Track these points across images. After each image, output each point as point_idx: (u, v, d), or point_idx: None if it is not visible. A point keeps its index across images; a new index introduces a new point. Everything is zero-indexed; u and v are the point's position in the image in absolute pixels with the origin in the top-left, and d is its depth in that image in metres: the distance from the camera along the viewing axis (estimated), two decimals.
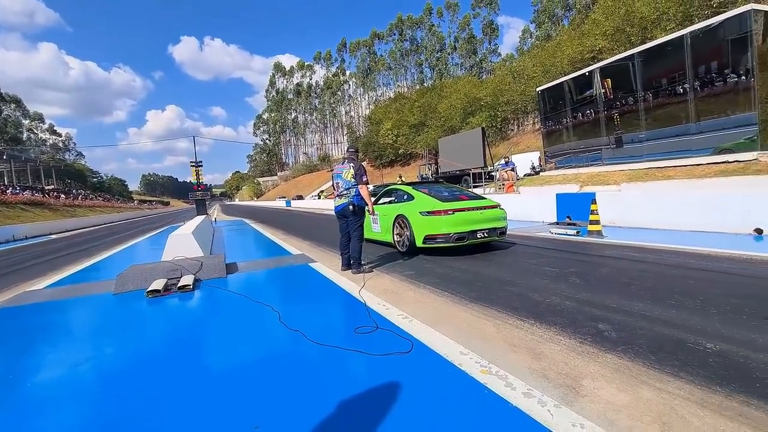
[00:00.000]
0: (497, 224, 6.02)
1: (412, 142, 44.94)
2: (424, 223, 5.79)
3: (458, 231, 5.65)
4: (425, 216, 5.80)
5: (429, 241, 5.75)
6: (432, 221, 5.73)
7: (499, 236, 6.12)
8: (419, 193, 6.51)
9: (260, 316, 3.39)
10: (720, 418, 1.68)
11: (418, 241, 5.84)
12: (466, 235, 5.68)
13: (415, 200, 6.35)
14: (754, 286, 3.51)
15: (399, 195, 7.12)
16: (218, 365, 2.47)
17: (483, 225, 5.85)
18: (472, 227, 5.74)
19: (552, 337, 2.66)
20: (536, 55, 33.24)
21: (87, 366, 2.56)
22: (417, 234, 5.87)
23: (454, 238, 5.63)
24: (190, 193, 16.33)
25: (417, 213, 5.91)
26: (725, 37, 10.62)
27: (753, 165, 9.67)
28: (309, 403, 1.92)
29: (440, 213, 5.72)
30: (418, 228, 5.86)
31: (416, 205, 6.17)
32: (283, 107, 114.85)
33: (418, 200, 6.29)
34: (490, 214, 5.99)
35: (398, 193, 7.19)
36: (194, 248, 6.08)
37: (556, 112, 17.37)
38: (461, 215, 5.76)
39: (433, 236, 5.71)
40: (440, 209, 5.77)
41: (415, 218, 5.94)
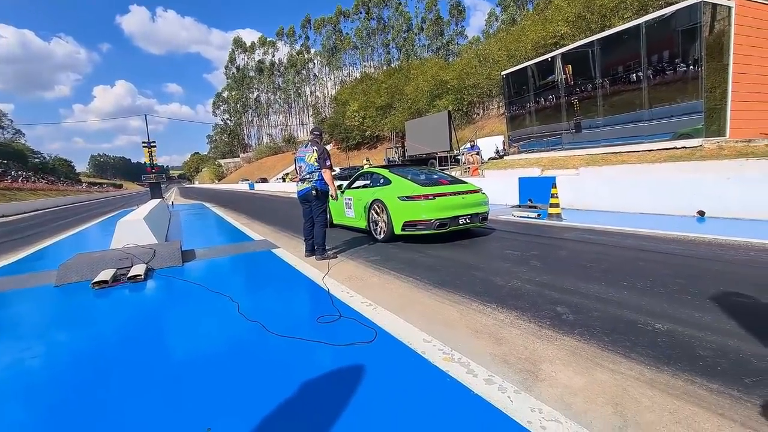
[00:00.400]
0: (479, 209, 5.75)
1: (379, 124, 44.53)
2: (403, 208, 5.46)
3: (440, 217, 5.34)
4: (404, 201, 5.46)
5: (408, 228, 5.45)
6: (412, 207, 5.40)
7: (481, 222, 5.85)
8: (396, 176, 6.13)
9: (218, 308, 3.22)
10: (667, 397, 1.76)
11: (397, 228, 5.54)
12: (449, 222, 5.39)
13: (393, 184, 5.97)
14: (697, 267, 3.74)
15: (374, 178, 6.72)
16: (169, 362, 2.31)
17: (465, 210, 5.57)
18: (454, 213, 5.46)
19: (513, 321, 2.71)
20: (502, 38, 33.55)
21: (23, 366, 2.32)
22: (395, 220, 5.54)
23: (435, 225, 5.31)
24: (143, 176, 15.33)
25: (395, 198, 5.56)
26: (676, 28, 11.11)
27: (698, 151, 10.33)
28: (267, 399, 1.83)
29: (420, 198, 5.39)
30: (397, 214, 5.52)
31: (394, 189, 5.81)
32: (245, 85, 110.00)
33: (396, 184, 5.92)
34: (471, 199, 5.71)
35: (373, 177, 6.79)
36: (147, 235, 5.71)
37: (519, 97, 17.69)
38: (443, 200, 5.44)
39: (413, 222, 5.39)
40: (420, 194, 5.42)
41: (393, 203, 5.59)
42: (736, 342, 2.20)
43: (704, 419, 1.60)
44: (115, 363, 2.34)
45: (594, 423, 1.61)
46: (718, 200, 6.36)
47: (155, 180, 15.67)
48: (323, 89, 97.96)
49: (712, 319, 2.53)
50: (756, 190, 5.96)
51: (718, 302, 2.80)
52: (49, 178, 70.55)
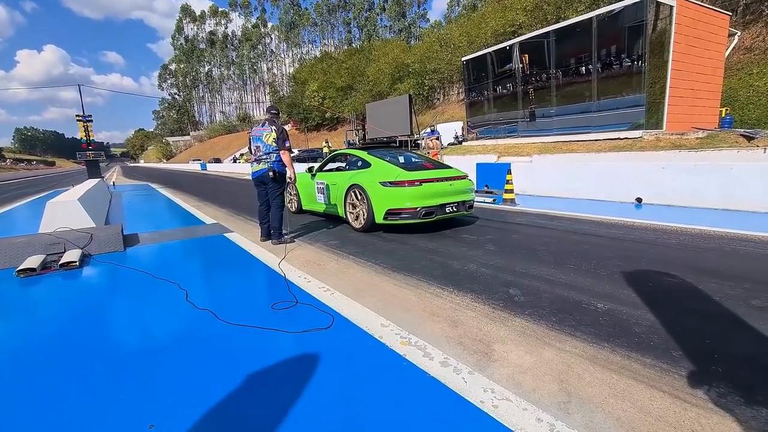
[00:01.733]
0: (466, 197, 5.36)
1: (339, 105, 43.63)
2: (386, 195, 4.98)
3: (426, 205, 4.90)
4: (387, 187, 4.98)
5: (391, 217, 4.98)
6: (395, 193, 4.93)
7: (468, 210, 5.48)
8: (376, 159, 5.61)
9: (164, 296, 3.03)
10: (607, 372, 1.88)
11: (378, 216, 5.06)
12: (435, 210, 4.97)
13: (373, 167, 5.47)
14: (634, 250, 4.03)
15: (351, 161, 6.19)
16: (109, 356, 2.14)
17: (452, 198, 5.16)
18: (441, 200, 5.03)
19: (468, 303, 2.78)
20: (463, 24, 33.69)
21: None
22: (377, 208, 5.06)
23: (421, 214, 4.87)
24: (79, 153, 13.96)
25: (376, 183, 5.08)
26: (624, 24, 11.69)
27: (638, 142, 11.08)
28: (217, 391, 1.75)
29: (405, 184, 4.92)
30: (379, 201, 5.03)
31: (374, 173, 5.31)
32: (194, 58, 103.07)
33: (377, 168, 5.41)
34: (459, 186, 5.31)
35: (350, 159, 6.26)
36: (82, 217, 5.24)
37: (478, 84, 17.96)
38: (429, 186, 5.01)
39: (397, 211, 4.93)
40: (405, 179, 4.96)
41: (374, 189, 5.10)
42: (666, 319, 2.40)
43: (638, 391, 1.73)
44: (47, 358, 2.14)
45: (541, 400, 1.69)
46: (654, 188, 6.88)
47: (92, 158, 14.34)
48: (281, 66, 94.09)
49: (646, 298, 2.73)
50: (686, 179, 6.51)
51: (652, 283, 3.04)
52: None
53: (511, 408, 1.59)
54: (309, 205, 6.89)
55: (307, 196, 6.87)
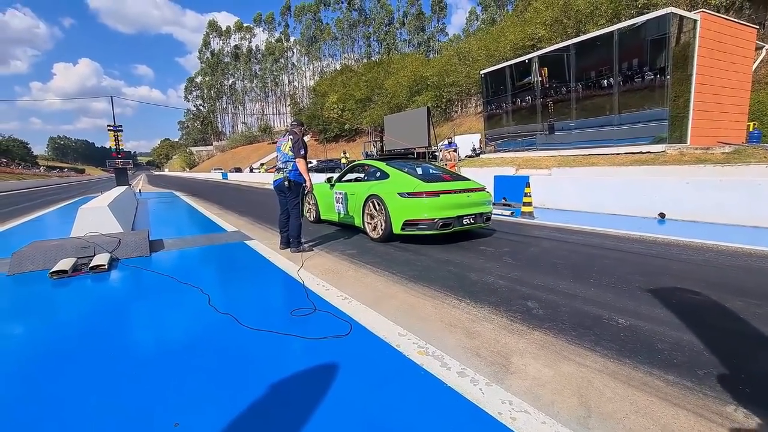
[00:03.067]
0: (484, 209, 5.36)
1: (357, 117, 44.24)
2: (404, 206, 5.01)
3: (444, 216, 4.92)
4: (405, 198, 5.02)
5: (409, 228, 5.01)
6: (413, 204, 4.96)
7: (485, 222, 5.45)
8: (395, 170, 5.65)
9: (187, 299, 3.13)
10: (628, 388, 1.85)
11: (396, 227, 5.09)
12: (453, 221, 4.98)
13: (391, 178, 5.51)
14: (657, 266, 3.94)
15: (369, 172, 6.23)
16: (135, 354, 2.23)
17: (470, 210, 5.16)
18: (458, 212, 5.04)
19: (486, 315, 2.77)
20: (481, 38, 33.89)
21: None
22: (395, 219, 5.09)
23: (439, 225, 4.89)
24: (108, 161, 14.56)
25: (394, 194, 5.12)
26: (647, 37, 11.57)
27: (661, 156, 10.84)
28: (239, 393, 1.80)
29: (423, 195, 4.96)
30: (397, 212, 5.07)
31: (392, 184, 5.35)
32: (219, 71, 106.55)
33: (395, 179, 5.46)
34: (477, 198, 5.31)
35: (368, 170, 6.30)
36: (111, 223, 5.46)
37: (497, 96, 17.98)
38: (447, 198, 5.04)
39: (415, 222, 4.96)
40: (423, 190, 5.00)
41: (392, 200, 5.14)
42: (690, 337, 2.34)
43: (661, 408, 1.70)
44: (78, 356, 2.24)
45: (560, 413, 1.67)
46: (678, 203, 6.71)
47: (121, 166, 14.92)
48: (302, 79, 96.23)
49: (669, 315, 2.67)
50: (711, 194, 6.33)
51: (675, 299, 2.97)
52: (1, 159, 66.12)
53: (530, 421, 1.58)
54: (327, 214, 6.95)
55: (325, 205, 6.95)
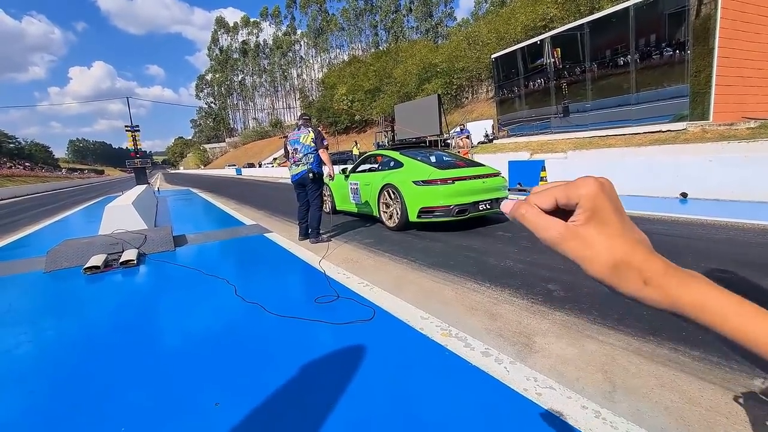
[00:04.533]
0: (499, 194, 5.34)
1: (367, 108, 44.06)
2: (419, 194, 5.05)
3: (459, 202, 4.93)
4: (420, 186, 5.06)
5: (425, 215, 5.05)
6: (428, 192, 4.99)
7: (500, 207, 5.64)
8: (409, 159, 5.69)
9: (215, 290, 3.24)
10: (653, 364, 1.87)
11: (412, 215, 5.12)
12: (468, 207, 4.98)
13: (405, 167, 5.55)
14: (680, 245, 3.89)
15: (383, 162, 6.27)
16: (172, 342, 2.35)
17: (485, 195, 5.16)
18: (474, 198, 5.04)
19: (506, 298, 2.80)
20: (491, 20, 33.15)
21: (20, 352, 2.33)
22: (410, 207, 5.13)
23: (455, 211, 4.90)
24: (128, 161, 14.93)
25: (409, 182, 5.16)
26: (664, 11, 11.16)
27: (682, 134, 10.54)
28: (271, 375, 1.89)
29: (437, 182, 4.99)
30: (412, 200, 5.10)
31: (407, 172, 5.40)
32: (229, 68, 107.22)
33: (409, 167, 5.50)
34: (492, 183, 5.32)
35: (382, 160, 6.34)
36: (136, 220, 5.65)
37: (509, 80, 17.66)
38: (462, 184, 5.05)
39: (430, 209, 4.99)
40: (437, 177, 5.02)
41: (407, 188, 5.18)
42: None
43: (687, 382, 1.71)
44: (122, 345, 2.37)
45: (586, 389, 1.71)
46: (701, 182, 6.54)
47: (140, 165, 15.30)
48: (310, 72, 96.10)
49: None
50: (736, 172, 6.15)
51: None
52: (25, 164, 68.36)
53: (555, 396, 1.62)
54: (343, 205, 7.03)
55: (341, 196, 7.02)
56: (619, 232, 0.33)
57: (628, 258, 0.32)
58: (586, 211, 0.34)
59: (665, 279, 0.31)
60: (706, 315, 0.30)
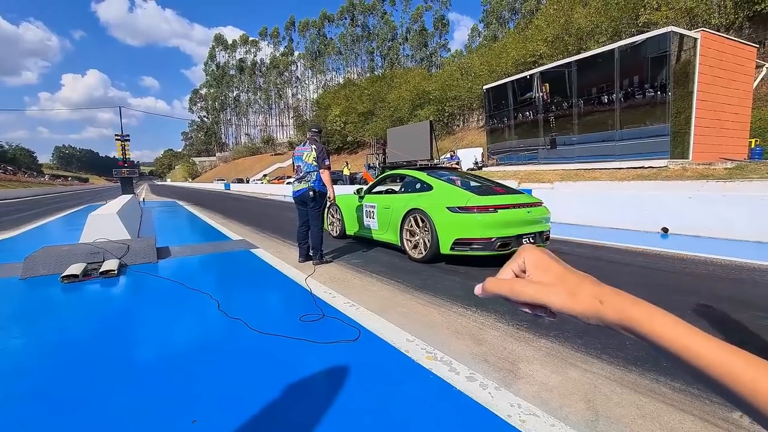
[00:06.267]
0: (543, 227, 4.73)
1: (360, 130, 44.73)
2: (455, 222, 4.37)
3: (502, 235, 4.27)
4: (456, 213, 4.37)
5: (460, 248, 4.37)
6: (466, 220, 4.32)
7: (544, 242, 4.79)
8: (439, 181, 5.02)
9: (197, 304, 3.17)
10: (635, 394, 1.88)
11: (445, 246, 4.44)
12: (512, 241, 4.31)
13: (435, 190, 4.88)
14: (661, 278, 3.97)
15: (408, 182, 5.58)
16: (150, 356, 2.27)
17: (530, 228, 4.52)
18: (517, 230, 4.39)
19: (492, 323, 2.80)
20: (483, 54, 34.52)
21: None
22: (443, 237, 4.44)
23: (496, 245, 4.23)
24: (115, 170, 14.72)
25: (443, 208, 4.49)
26: (647, 55, 11.79)
27: (664, 171, 10.93)
28: (252, 393, 1.83)
29: (477, 209, 4.31)
30: (446, 229, 4.42)
31: (439, 196, 4.74)
32: (224, 83, 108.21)
33: (441, 191, 4.84)
34: (537, 214, 4.66)
35: (406, 180, 5.63)
36: (119, 230, 5.53)
37: (499, 111, 18.21)
38: (506, 214, 4.38)
39: (468, 241, 4.31)
40: (477, 204, 4.34)
41: (440, 215, 4.51)
42: None
43: (668, 414, 1.72)
44: (96, 357, 2.28)
45: (569, 417, 1.70)
46: (681, 218, 6.75)
47: (127, 175, 15.08)
48: (305, 92, 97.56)
49: None
50: (714, 209, 6.38)
51: (679, 310, 3.00)
52: (7, 167, 66.77)
53: (539, 423, 1.61)
54: (355, 229, 6.24)
55: (352, 219, 6.23)
56: (565, 271, 0.41)
57: (580, 285, 0.39)
58: (532, 265, 0.42)
59: (616, 296, 0.37)
60: (655, 326, 0.34)
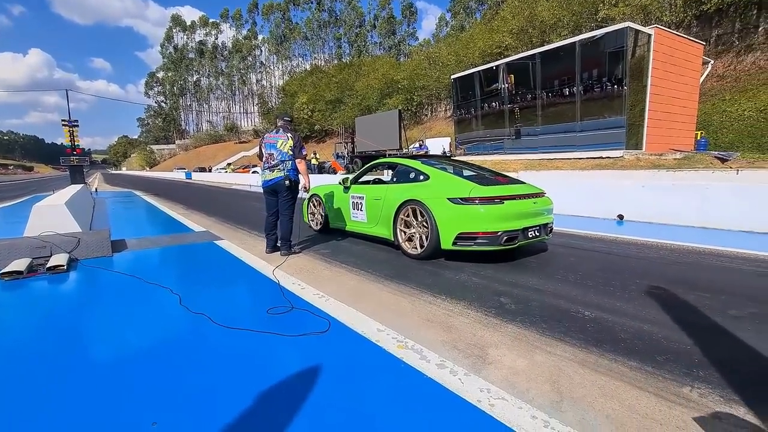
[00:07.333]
0: (548, 219, 4.47)
1: (328, 118, 44.01)
2: (458, 215, 4.02)
3: (508, 228, 3.95)
4: (459, 205, 4.02)
5: (463, 242, 4.02)
6: (470, 213, 3.96)
7: (548, 235, 4.53)
8: (436, 170, 4.65)
9: (156, 299, 3.02)
10: (596, 374, 1.97)
11: (446, 241, 4.08)
12: (519, 235, 4.02)
13: (432, 180, 4.52)
14: (618, 263, 4.19)
15: (400, 171, 5.18)
16: (105, 355, 2.13)
17: (536, 220, 4.25)
18: (524, 223, 4.10)
19: (461, 311, 2.85)
20: (451, 43, 34.70)
21: None
22: (444, 231, 4.08)
23: (503, 239, 3.91)
24: (62, 158, 13.65)
25: (443, 200, 4.13)
26: (605, 49, 12.26)
27: (619, 161, 11.51)
28: (216, 390, 1.76)
29: (481, 201, 3.97)
30: (448, 222, 4.06)
31: (438, 187, 4.36)
32: (183, 67, 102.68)
33: (439, 180, 4.47)
34: (542, 205, 4.39)
35: (398, 170, 5.22)
36: (68, 222, 5.15)
37: (466, 101, 18.44)
38: (513, 205, 4.08)
39: (471, 235, 3.96)
40: (481, 195, 4.00)
41: (440, 207, 4.13)
42: (650, 326, 2.52)
43: (625, 391, 1.82)
44: (44, 360, 2.11)
45: (535, 399, 1.76)
46: (635, 205, 7.14)
47: (77, 163, 14.03)
48: (270, 78, 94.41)
49: (630, 307, 2.85)
50: (665, 197, 6.79)
51: (635, 293, 3.17)
52: None
53: (507, 407, 1.65)
54: (339, 221, 5.79)
55: (337, 212, 5.80)
56: None
57: None
58: None
59: None
60: None
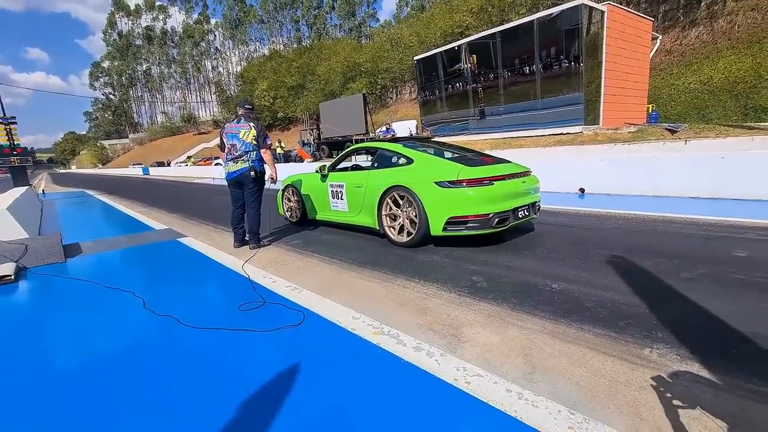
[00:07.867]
0: (536, 198, 4.38)
1: (291, 105, 42.79)
2: (446, 199, 3.82)
3: (499, 210, 3.80)
4: (447, 188, 3.83)
5: (454, 228, 3.84)
6: (459, 196, 3.78)
7: (536, 214, 4.44)
8: (419, 153, 4.42)
9: (118, 304, 2.86)
10: (565, 344, 2.05)
11: (436, 227, 3.89)
12: (509, 216, 3.89)
13: (417, 163, 4.26)
14: (581, 235, 4.37)
15: (381, 156, 4.84)
16: (62, 367, 2.00)
17: (524, 200, 4.13)
18: (514, 203, 3.96)
19: (435, 292, 2.88)
20: (412, 24, 34.30)
21: None
22: (434, 216, 3.88)
23: (494, 222, 3.76)
24: (1, 159, 12.57)
25: (430, 184, 3.92)
26: (562, 27, 12.52)
27: (579, 137, 11.93)
28: (187, 394, 1.70)
29: (469, 183, 3.79)
30: (437, 207, 3.86)
31: (423, 171, 4.12)
32: (130, 55, 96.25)
33: (423, 164, 4.22)
34: (530, 184, 4.28)
35: (379, 154, 4.88)
36: (13, 228, 4.77)
37: (430, 83, 18.41)
38: (502, 186, 3.93)
39: (462, 219, 3.78)
40: (469, 177, 3.81)
41: (427, 192, 3.92)
42: (612, 294, 2.65)
43: (592, 358, 1.91)
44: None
45: (509, 373, 1.81)
46: (595, 178, 7.46)
47: (19, 164, 12.96)
48: (227, 65, 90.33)
49: (593, 277, 2.99)
50: (621, 170, 7.12)
51: (598, 263, 3.33)
52: None
53: (483, 383, 1.69)
54: (319, 213, 5.51)
55: (315, 202, 5.51)
56: None
57: None
58: None
59: None
60: None
